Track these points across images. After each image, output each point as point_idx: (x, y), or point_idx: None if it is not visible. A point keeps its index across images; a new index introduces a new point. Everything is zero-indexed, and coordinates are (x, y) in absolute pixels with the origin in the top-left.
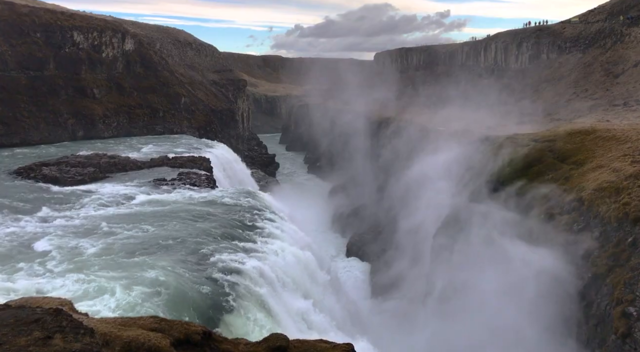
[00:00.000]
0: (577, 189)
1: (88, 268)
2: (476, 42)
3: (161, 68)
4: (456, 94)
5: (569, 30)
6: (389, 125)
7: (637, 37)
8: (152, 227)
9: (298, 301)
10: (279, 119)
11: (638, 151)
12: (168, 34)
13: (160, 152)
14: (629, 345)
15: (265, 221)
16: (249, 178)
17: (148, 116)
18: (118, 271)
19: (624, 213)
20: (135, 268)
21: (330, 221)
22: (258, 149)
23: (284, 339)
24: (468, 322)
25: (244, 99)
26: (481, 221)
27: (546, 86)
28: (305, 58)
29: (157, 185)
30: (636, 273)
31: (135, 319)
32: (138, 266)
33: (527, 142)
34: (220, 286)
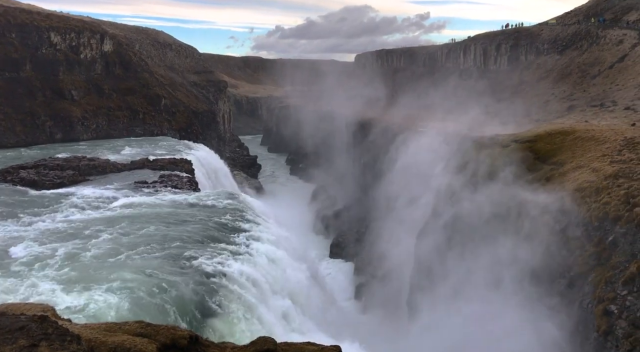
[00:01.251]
0: (557, 189)
1: (67, 273)
2: (456, 44)
3: (141, 69)
4: (436, 95)
5: (547, 32)
6: (371, 126)
7: (612, 39)
8: (133, 230)
9: (283, 303)
10: (260, 120)
11: (616, 151)
12: (147, 35)
13: (141, 154)
14: (611, 342)
15: (248, 223)
16: (231, 180)
17: (128, 118)
18: (99, 276)
19: (604, 213)
20: (116, 272)
21: (314, 222)
22: (240, 150)
23: (272, 342)
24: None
25: (225, 101)
26: (463, 221)
27: (525, 87)
28: (286, 59)
29: (138, 188)
30: (617, 271)
31: (121, 325)
32: (119, 270)
33: (508, 142)
34: (205, 289)
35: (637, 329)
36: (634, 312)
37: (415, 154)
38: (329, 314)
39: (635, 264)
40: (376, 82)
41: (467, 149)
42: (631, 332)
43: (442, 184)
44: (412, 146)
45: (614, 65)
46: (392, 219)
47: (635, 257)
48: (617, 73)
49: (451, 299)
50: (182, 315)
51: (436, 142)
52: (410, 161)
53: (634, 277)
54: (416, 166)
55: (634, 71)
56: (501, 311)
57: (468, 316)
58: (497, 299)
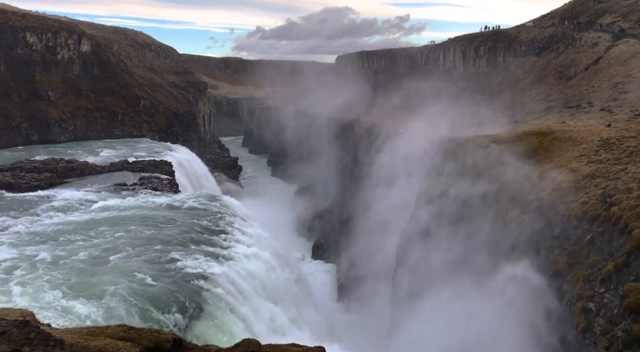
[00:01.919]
0: (537, 189)
1: (46, 277)
2: (435, 46)
3: (119, 70)
4: (416, 96)
5: (524, 35)
6: (352, 127)
7: (587, 41)
8: (113, 233)
9: (266, 305)
10: (240, 121)
11: (593, 152)
12: (126, 35)
13: (120, 156)
14: (589, 339)
15: (230, 225)
16: (212, 182)
17: (106, 119)
18: (79, 280)
19: (582, 212)
20: (97, 276)
21: (296, 224)
22: (220, 152)
23: (256, 344)
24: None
25: (205, 102)
26: (443, 220)
27: (503, 89)
28: (267, 60)
29: (117, 190)
30: (595, 270)
31: (103, 328)
32: (100, 274)
33: (488, 143)
34: (188, 292)
35: (614, 325)
36: (611, 310)
37: (396, 155)
38: (312, 315)
39: (612, 263)
40: (357, 83)
41: (447, 150)
42: (609, 329)
43: (422, 185)
44: (392, 147)
45: (590, 67)
46: (374, 220)
47: (612, 255)
48: (593, 75)
49: (434, 297)
50: (165, 318)
51: (416, 143)
52: (390, 162)
53: (611, 275)
54: (397, 167)
55: (608, 73)
56: (484, 308)
57: (451, 313)
58: (479, 296)
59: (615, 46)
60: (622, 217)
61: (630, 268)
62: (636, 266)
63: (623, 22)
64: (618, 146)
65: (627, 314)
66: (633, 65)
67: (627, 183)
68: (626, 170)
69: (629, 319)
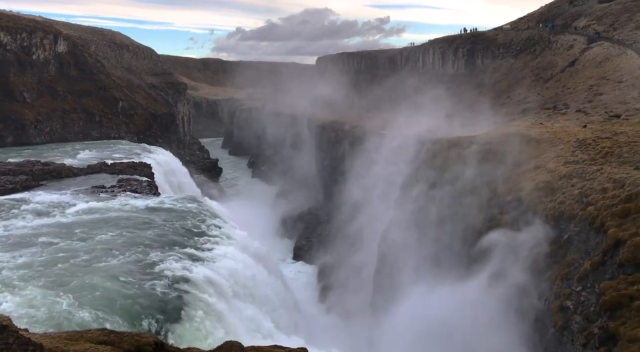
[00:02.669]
0: (516, 190)
1: (23, 282)
2: (415, 48)
3: (97, 71)
4: (396, 98)
5: (501, 37)
6: (333, 129)
7: (563, 44)
8: (92, 236)
9: (248, 307)
10: (220, 122)
11: (570, 152)
12: (103, 35)
13: (98, 158)
14: (567, 337)
15: (210, 227)
16: (191, 184)
17: (84, 121)
18: (58, 284)
19: (560, 212)
20: (76, 280)
21: (277, 225)
22: (200, 153)
23: (239, 347)
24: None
25: (185, 103)
26: (425, 220)
27: (482, 90)
28: (247, 61)
29: (95, 192)
30: (572, 268)
31: (82, 333)
32: (79, 278)
33: (467, 144)
34: (169, 295)
35: (591, 323)
36: (587, 307)
37: (377, 155)
38: (294, 317)
39: (588, 261)
40: (337, 85)
41: (427, 151)
42: (585, 326)
43: (403, 185)
44: (374, 148)
45: (566, 69)
46: (355, 221)
47: (588, 254)
48: (569, 77)
49: (414, 296)
50: (147, 321)
51: (397, 144)
52: (372, 163)
53: (587, 273)
54: (378, 168)
55: (584, 75)
56: (465, 304)
57: (432, 311)
58: (460, 295)
59: (590, 49)
60: (598, 216)
61: (606, 266)
62: (612, 265)
63: (597, 25)
64: (594, 147)
65: (603, 312)
66: (607, 68)
67: (603, 183)
68: (602, 171)
69: (605, 317)
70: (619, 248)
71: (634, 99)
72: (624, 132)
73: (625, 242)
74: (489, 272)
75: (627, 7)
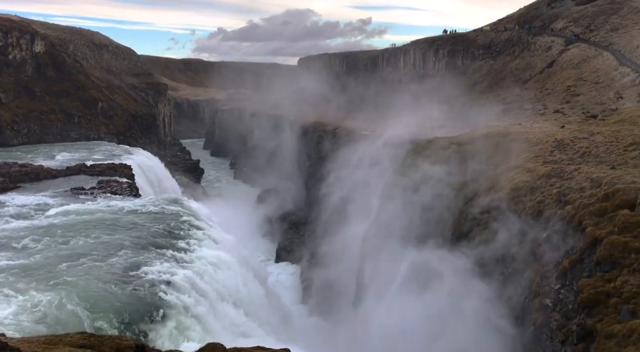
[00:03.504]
0: (495, 189)
1: (1, 285)
2: (396, 49)
3: (75, 71)
4: (378, 98)
5: (481, 38)
6: (315, 129)
7: (542, 45)
8: (71, 239)
9: (230, 308)
10: (202, 123)
11: (548, 152)
12: (82, 35)
13: (77, 159)
14: (546, 334)
15: (192, 229)
16: (173, 185)
17: (62, 122)
18: (37, 287)
19: (539, 211)
20: (55, 283)
21: (259, 226)
22: (181, 154)
23: (221, 348)
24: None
25: (165, 104)
26: (405, 221)
27: (463, 91)
28: (229, 62)
29: (75, 194)
30: (551, 267)
31: (62, 337)
32: (59, 281)
33: (448, 144)
34: (151, 297)
35: (569, 320)
36: (566, 305)
37: (359, 156)
38: (277, 318)
39: (567, 259)
40: (319, 85)
41: (408, 151)
42: (564, 323)
43: (385, 185)
44: (356, 148)
45: (544, 71)
46: (338, 222)
47: (567, 252)
48: (547, 78)
49: (396, 296)
50: (127, 324)
51: (379, 144)
52: (354, 163)
53: (566, 271)
54: (360, 168)
55: (561, 76)
56: (445, 307)
57: (414, 312)
58: (441, 293)
59: (567, 50)
60: (576, 215)
61: (584, 264)
62: (589, 263)
63: (574, 27)
64: (572, 147)
65: (581, 309)
66: (584, 69)
67: (581, 183)
68: (579, 170)
69: (583, 314)
70: (596, 246)
71: (610, 99)
72: (601, 132)
73: (602, 241)
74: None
75: (603, 9)
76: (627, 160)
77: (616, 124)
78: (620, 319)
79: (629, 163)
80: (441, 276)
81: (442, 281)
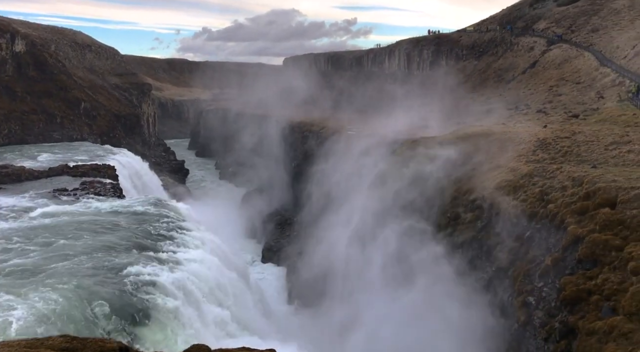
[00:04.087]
0: (479, 188)
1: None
2: (381, 49)
3: (57, 71)
4: (363, 99)
5: (465, 39)
6: (301, 129)
7: (524, 46)
8: (54, 241)
9: (215, 309)
10: (186, 123)
11: (531, 152)
12: (64, 35)
13: (60, 160)
14: (529, 332)
15: (177, 230)
16: (157, 186)
17: (44, 122)
18: (19, 290)
19: (521, 210)
20: (38, 285)
21: (245, 227)
22: (166, 155)
23: (206, 350)
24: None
25: (150, 104)
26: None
27: (447, 91)
28: (214, 62)
29: (57, 195)
30: (534, 265)
31: (43, 340)
32: (42, 283)
33: (432, 144)
34: (135, 299)
35: (552, 317)
36: (549, 303)
37: (345, 155)
38: (263, 318)
39: (549, 258)
40: (305, 85)
41: (393, 151)
42: (547, 321)
43: (370, 185)
44: (342, 148)
45: (527, 71)
46: (324, 222)
47: (549, 251)
48: (530, 78)
49: (382, 295)
50: (111, 326)
51: (364, 144)
52: (339, 163)
53: (548, 269)
54: (345, 168)
55: (544, 76)
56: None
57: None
58: (425, 293)
59: (550, 51)
60: (558, 214)
61: (566, 262)
62: (571, 260)
63: (556, 27)
64: (554, 146)
65: (563, 306)
66: (566, 69)
67: (563, 181)
68: (561, 170)
69: (565, 311)
70: (578, 244)
71: (591, 99)
72: (582, 131)
73: (583, 239)
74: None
75: (584, 10)
76: (608, 159)
77: (597, 123)
78: (602, 316)
79: (609, 162)
80: (424, 272)
81: (425, 277)
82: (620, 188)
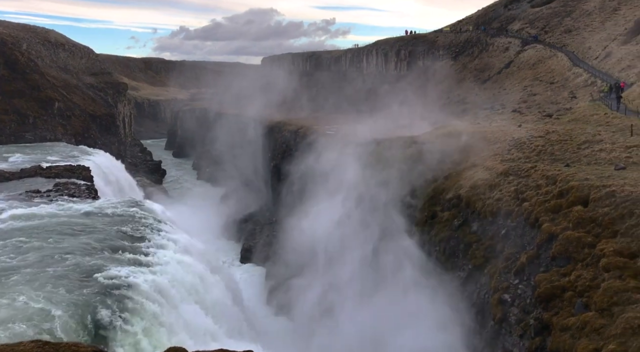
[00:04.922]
0: (455, 187)
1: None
2: (359, 49)
3: (30, 70)
4: (341, 98)
5: (442, 39)
6: (279, 129)
7: (499, 46)
8: (26, 244)
9: (193, 311)
10: (163, 123)
11: (506, 151)
12: (36, 33)
13: (32, 161)
14: (505, 329)
15: (153, 231)
16: (133, 187)
17: (15, 123)
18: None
19: (497, 208)
20: (9, 289)
21: (223, 228)
22: (142, 155)
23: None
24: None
25: (125, 103)
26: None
27: (423, 91)
28: (191, 61)
29: (29, 197)
30: (509, 262)
31: (14, 346)
32: (13, 287)
33: (409, 144)
34: (110, 302)
35: (527, 314)
36: (524, 300)
37: (323, 155)
38: (241, 319)
39: (525, 255)
40: (283, 85)
41: (371, 151)
42: (522, 317)
43: (349, 185)
44: (320, 148)
45: (502, 71)
46: (303, 221)
47: (524, 248)
48: (505, 78)
49: (359, 295)
50: (86, 330)
51: (343, 143)
52: (318, 163)
53: (524, 267)
54: (324, 168)
55: (519, 76)
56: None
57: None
58: (402, 293)
59: (524, 51)
60: (533, 212)
61: (541, 260)
62: (546, 258)
63: (530, 28)
64: (528, 145)
65: (538, 303)
66: (540, 69)
67: (537, 180)
68: (535, 168)
69: (540, 308)
70: (552, 242)
71: (564, 99)
72: (556, 131)
73: (557, 236)
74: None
75: (557, 11)
76: (581, 158)
77: (570, 122)
78: (575, 312)
79: (582, 161)
80: (402, 270)
81: (403, 275)
82: (592, 186)
